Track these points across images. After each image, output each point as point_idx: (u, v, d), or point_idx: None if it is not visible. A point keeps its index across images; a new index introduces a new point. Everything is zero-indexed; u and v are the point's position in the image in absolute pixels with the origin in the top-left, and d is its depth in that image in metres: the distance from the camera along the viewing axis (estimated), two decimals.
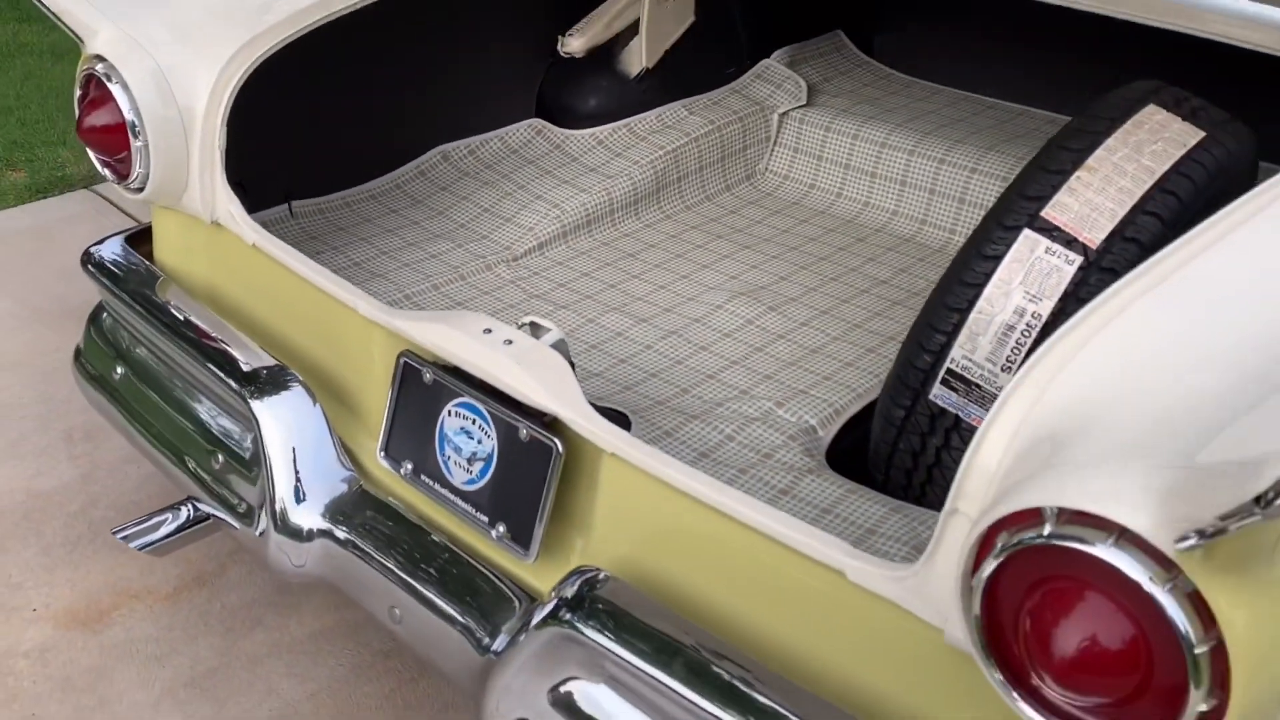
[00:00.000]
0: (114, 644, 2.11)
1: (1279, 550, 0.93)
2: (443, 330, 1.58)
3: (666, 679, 1.28)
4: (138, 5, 1.94)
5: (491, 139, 2.50)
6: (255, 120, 1.93)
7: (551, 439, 1.47)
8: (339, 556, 1.66)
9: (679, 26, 2.51)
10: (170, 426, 1.91)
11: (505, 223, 2.33)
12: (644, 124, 2.54)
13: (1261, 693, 0.93)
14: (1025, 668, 1.03)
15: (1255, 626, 0.91)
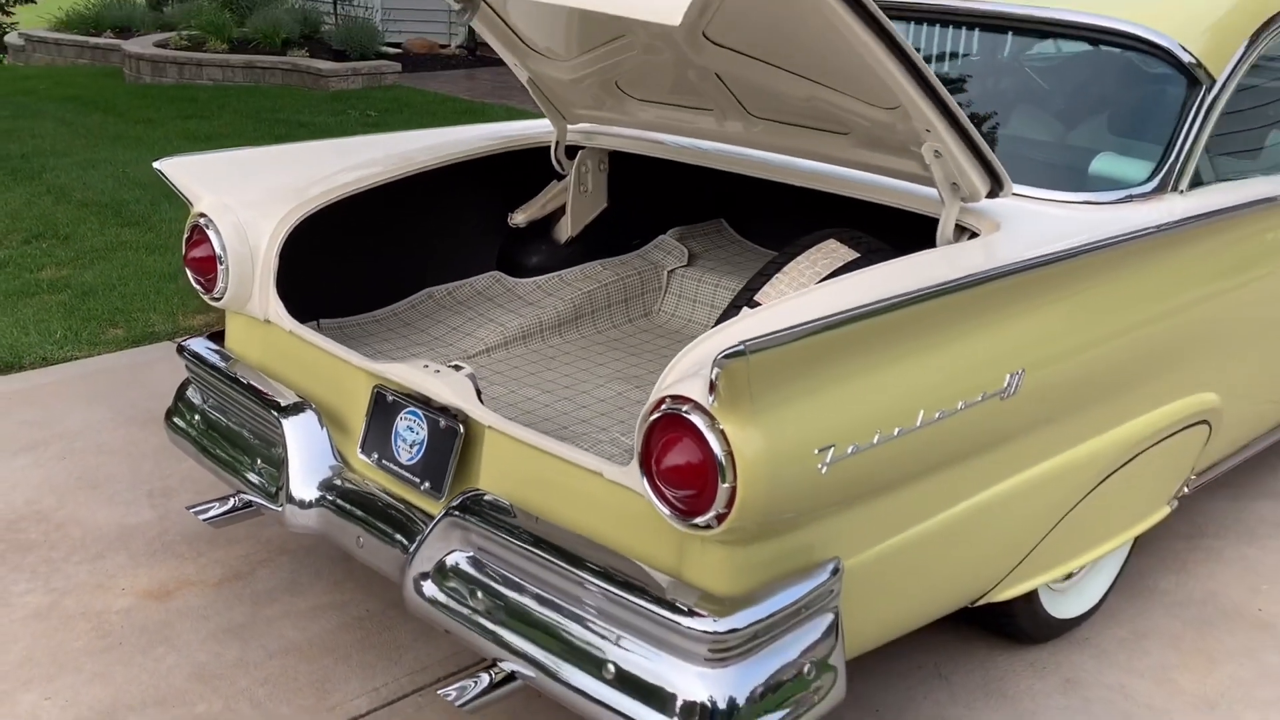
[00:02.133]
0: (175, 609, 3.05)
1: (755, 392, 1.87)
2: (400, 369, 2.60)
3: (511, 540, 2.23)
4: (227, 183, 3.05)
5: (464, 284, 3.56)
6: (297, 262, 2.99)
7: (457, 425, 2.46)
8: (326, 514, 2.63)
9: (595, 210, 3.60)
10: (226, 448, 2.92)
11: (466, 336, 3.37)
12: (570, 275, 3.60)
13: (760, 478, 1.88)
14: (658, 486, 1.97)
15: (746, 438, 1.86)
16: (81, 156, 8.88)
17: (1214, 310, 2.91)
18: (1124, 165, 2.87)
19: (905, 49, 2.17)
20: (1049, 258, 2.33)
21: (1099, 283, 2.55)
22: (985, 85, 3.33)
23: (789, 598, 2.02)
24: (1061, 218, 2.63)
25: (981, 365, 2.25)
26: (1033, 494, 2.52)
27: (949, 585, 2.49)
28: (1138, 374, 2.70)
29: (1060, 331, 2.45)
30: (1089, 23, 3.00)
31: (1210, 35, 2.96)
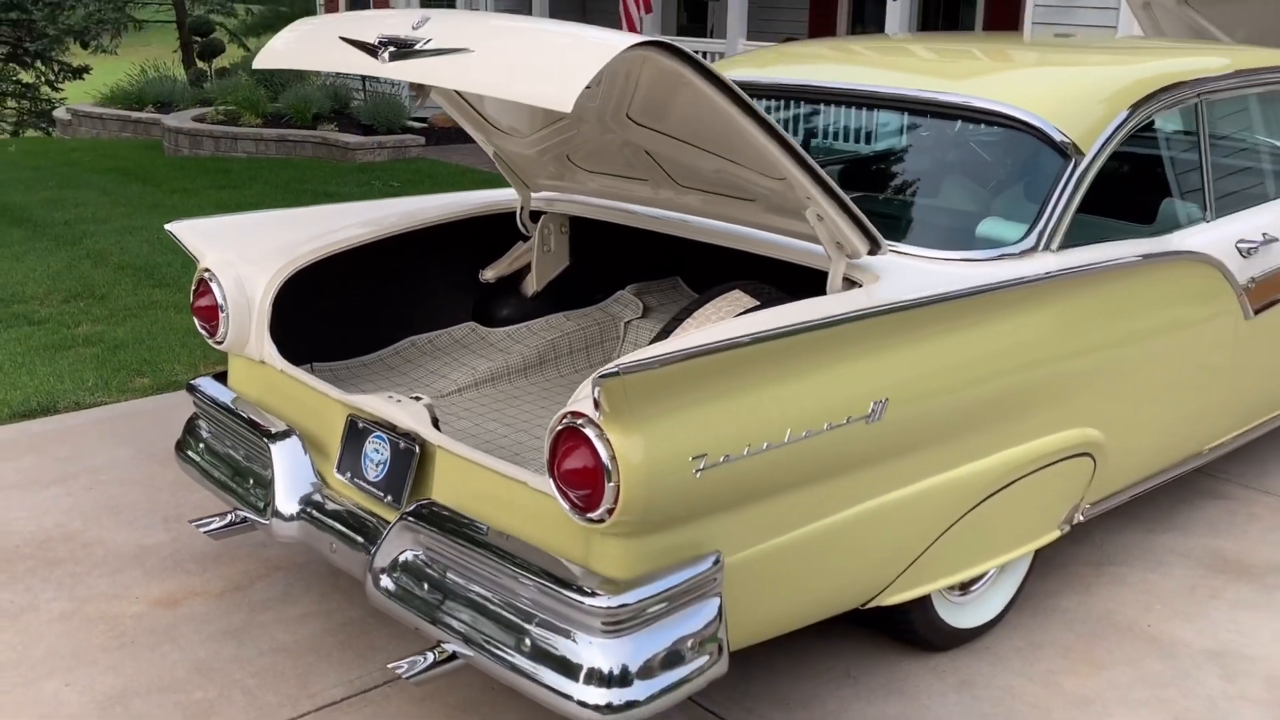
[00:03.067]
0: (181, 615, 3.47)
1: (634, 407, 2.28)
2: (369, 399, 3.04)
3: (451, 539, 2.64)
4: (228, 242, 3.52)
5: (443, 333, 4.00)
6: (292, 312, 3.44)
7: (414, 446, 2.89)
8: (305, 525, 3.06)
9: (558, 267, 4.04)
10: (224, 471, 3.35)
11: (441, 378, 3.81)
12: (536, 324, 4.03)
13: (639, 479, 2.29)
14: (561, 487, 2.39)
15: (628, 445, 2.28)
16: (120, 224, 9.47)
17: (1088, 355, 3.29)
18: (1003, 228, 3.28)
19: (778, 131, 2.62)
20: (904, 304, 2.75)
21: (967, 327, 2.95)
22: (885, 159, 3.76)
23: (672, 581, 2.42)
24: (939, 272, 3.04)
25: (846, 393, 2.65)
26: (910, 509, 2.90)
27: (833, 587, 2.87)
28: (1011, 409, 3.09)
29: (926, 368, 2.84)
30: (977, 105, 3.43)
31: (1081, 116, 3.38)
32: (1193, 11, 5.86)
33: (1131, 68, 3.90)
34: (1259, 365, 3.99)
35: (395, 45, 2.71)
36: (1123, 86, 3.57)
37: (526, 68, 2.48)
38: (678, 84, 2.59)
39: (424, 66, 2.64)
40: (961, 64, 4.01)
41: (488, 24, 2.76)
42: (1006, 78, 3.81)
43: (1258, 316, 3.86)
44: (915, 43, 4.77)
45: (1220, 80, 3.88)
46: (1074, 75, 3.83)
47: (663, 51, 2.43)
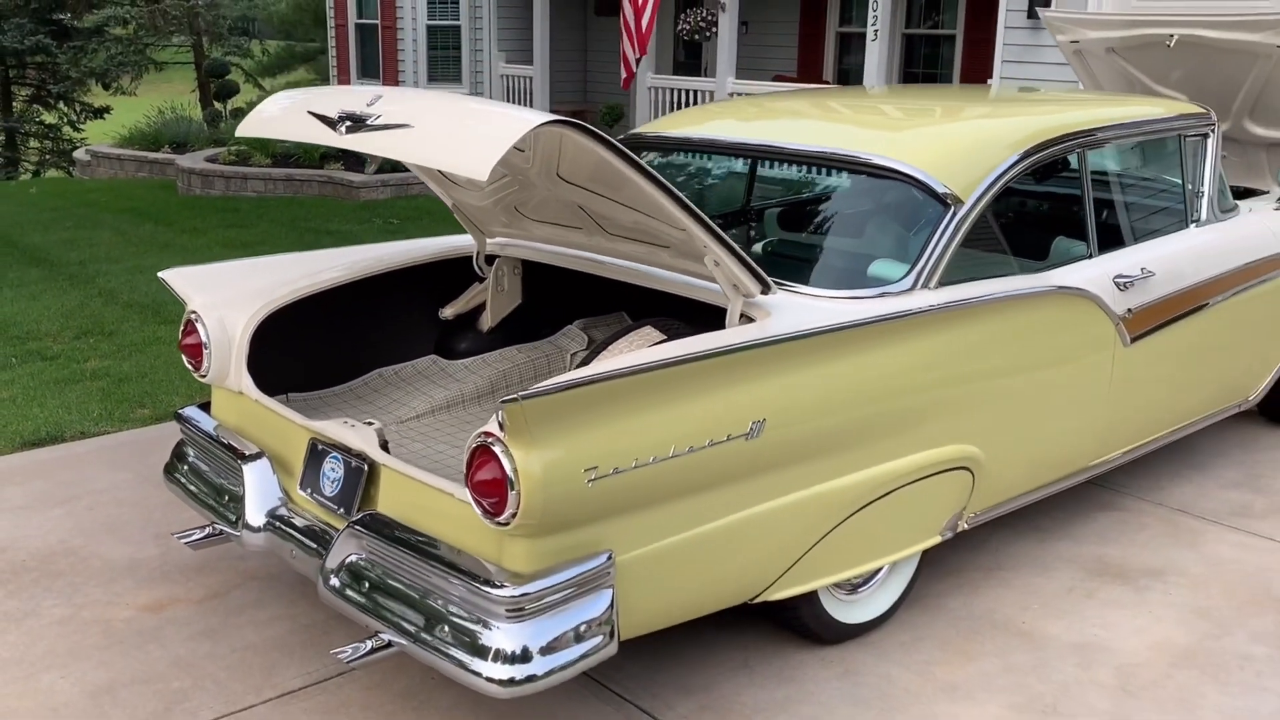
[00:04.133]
0: (166, 618, 3.93)
1: (533, 427, 2.73)
2: (327, 424, 3.50)
3: (387, 544, 3.10)
4: (213, 286, 3.99)
5: (408, 365, 4.46)
6: (270, 348, 3.91)
7: (363, 465, 3.35)
8: (271, 535, 3.51)
9: (511, 305, 4.51)
10: (204, 489, 3.82)
11: (402, 405, 4.27)
12: (490, 357, 4.49)
13: (537, 488, 2.73)
14: (475, 495, 2.84)
15: (527, 459, 2.73)
16: (131, 263, 10.00)
17: (964, 380, 3.73)
18: (889, 269, 3.73)
19: (673, 191, 3.08)
20: (779, 337, 3.19)
21: (843, 356, 3.39)
22: (788, 209, 4.22)
23: (568, 575, 2.87)
24: (826, 309, 3.49)
25: (726, 414, 3.10)
26: (789, 515, 3.33)
27: (720, 582, 3.30)
28: (887, 428, 3.52)
29: (803, 393, 3.28)
30: (869, 160, 3.89)
31: (963, 169, 3.83)
32: (1120, 60, 6.31)
33: (1021, 122, 4.35)
34: (1140, 388, 4.42)
35: (351, 120, 3.19)
36: (1006, 141, 4.01)
37: (453, 142, 2.95)
38: (585, 152, 3.06)
39: (371, 139, 3.11)
40: (864, 121, 4.47)
41: (429, 102, 3.22)
42: (900, 134, 4.26)
43: (1136, 344, 4.29)
44: (836, 98, 5.23)
45: (1102, 131, 4.33)
46: (963, 131, 4.28)
47: (568, 128, 2.90)
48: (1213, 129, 4.88)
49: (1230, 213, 5.01)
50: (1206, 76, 6.05)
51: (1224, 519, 4.70)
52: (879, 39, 11.31)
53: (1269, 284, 4.99)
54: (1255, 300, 4.94)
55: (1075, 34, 6.28)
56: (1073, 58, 6.50)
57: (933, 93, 5.63)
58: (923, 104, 4.89)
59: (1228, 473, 5.17)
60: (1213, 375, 4.87)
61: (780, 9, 14.49)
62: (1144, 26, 6.04)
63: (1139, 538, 4.52)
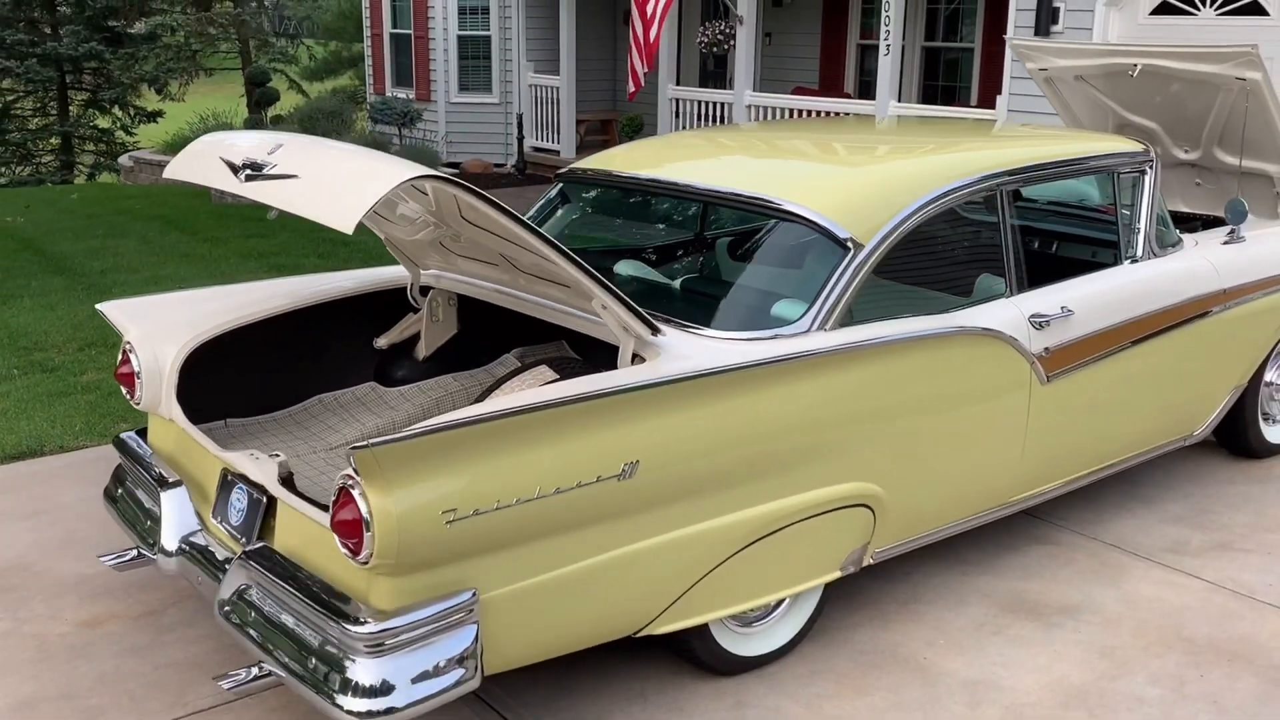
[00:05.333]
0: (100, 634, 4.11)
1: (386, 472, 2.86)
2: (234, 456, 3.66)
3: (269, 576, 3.24)
4: (148, 319, 4.17)
5: (348, 391, 4.61)
6: (206, 375, 4.07)
7: (262, 497, 3.50)
8: (183, 561, 3.68)
9: (447, 334, 4.64)
10: (132, 513, 3.99)
11: (334, 432, 4.42)
12: (426, 385, 4.63)
13: (391, 531, 2.86)
14: (337, 535, 2.97)
15: (381, 503, 2.86)
16: (150, 273, 10.29)
17: (863, 419, 3.80)
18: (787, 311, 3.81)
19: (555, 244, 3.21)
20: (645, 382, 3.29)
21: (727, 397, 3.48)
22: (692, 248, 4.31)
23: (429, 612, 2.99)
24: (717, 350, 3.58)
25: (597, 455, 3.20)
26: (670, 552, 3.43)
27: (596, 618, 3.40)
28: (776, 466, 3.60)
29: (681, 433, 3.37)
30: (772, 203, 3.97)
31: (865, 213, 3.91)
32: (1090, 88, 6.32)
33: (935, 163, 4.41)
34: (1063, 425, 4.45)
35: (250, 168, 3.35)
36: (914, 184, 4.08)
37: (328, 196, 3.09)
38: (465, 204, 3.18)
39: (263, 188, 3.27)
40: (779, 163, 4.55)
41: (320, 154, 3.36)
42: (808, 177, 4.33)
43: (1055, 381, 4.34)
44: (770, 136, 5.29)
45: (1022, 173, 4.37)
46: (872, 174, 4.34)
47: (440, 183, 3.03)
48: (1150, 165, 4.89)
49: (1173, 248, 5.02)
50: (1175, 106, 6.05)
51: (1156, 555, 4.72)
52: (890, 53, 11.33)
53: (1212, 319, 4.99)
54: (1197, 335, 4.95)
55: (1044, 62, 6.30)
56: (1044, 85, 6.51)
57: (865, 131, 5.68)
58: (847, 143, 4.95)
59: (1172, 506, 5.18)
60: (1149, 411, 4.89)
61: (802, 21, 14.54)
62: (1109, 56, 6.04)
63: (1062, 573, 4.56)
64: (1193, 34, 9.21)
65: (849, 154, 4.73)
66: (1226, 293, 5.02)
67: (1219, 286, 4.99)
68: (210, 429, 4.20)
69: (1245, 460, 5.65)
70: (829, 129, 5.65)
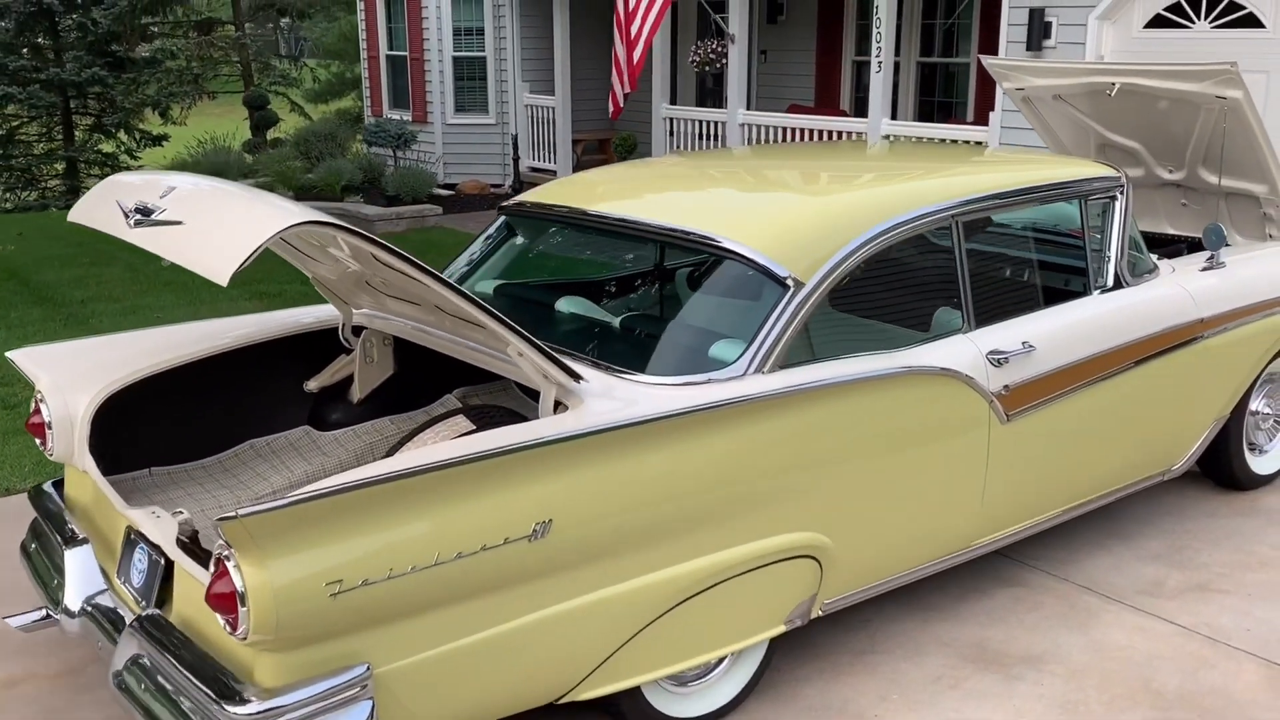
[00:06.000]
0: (15, 695, 3.93)
1: (261, 543, 2.67)
2: (137, 513, 3.47)
3: (155, 646, 3.05)
4: (59, 366, 3.99)
5: (279, 437, 4.43)
6: (123, 424, 3.90)
7: (160, 558, 3.31)
8: (86, 623, 3.49)
9: (382, 375, 4.45)
10: (44, 569, 3.81)
11: (263, 480, 4.23)
12: (361, 429, 4.44)
13: (267, 606, 2.66)
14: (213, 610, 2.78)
15: (256, 575, 2.66)
16: (130, 302, 10.15)
17: (806, 467, 3.59)
18: (723, 353, 3.60)
19: (468, 295, 3.03)
20: (558, 436, 3.09)
21: (656, 447, 3.27)
22: (625, 285, 4.12)
23: (317, 690, 2.80)
24: (650, 396, 3.38)
25: (504, 516, 3.00)
26: (593, 614, 3.22)
27: (513, 687, 3.19)
28: (709, 519, 3.40)
29: (600, 488, 3.17)
30: (709, 240, 3.77)
31: (806, 249, 3.70)
32: (1070, 107, 6.11)
33: (883, 194, 4.19)
34: (1026, 465, 4.23)
35: (140, 213, 3.17)
36: (859, 219, 3.87)
37: (208, 246, 2.91)
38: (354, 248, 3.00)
39: (149, 234, 3.10)
40: (719, 196, 4.34)
41: (205, 200, 3.18)
42: (748, 212, 4.12)
43: (1016, 420, 4.11)
44: (718, 163, 5.08)
45: (977, 203, 4.16)
46: (815, 208, 4.11)
47: (317, 226, 2.84)
48: (1121, 190, 4.67)
49: (1146, 275, 4.79)
50: (1157, 125, 5.84)
51: (1129, 598, 4.49)
52: (882, 70, 11.12)
53: (1189, 350, 4.76)
54: (1174, 367, 4.72)
55: (1020, 81, 6.09)
56: (1022, 105, 6.30)
57: (824, 158, 5.46)
58: (801, 173, 4.75)
59: (1151, 543, 4.94)
60: (1122, 447, 4.66)
61: (797, 38, 14.35)
62: (1086, 75, 5.83)
63: (1029, 618, 4.33)
64: (1188, 47, 8.98)
65: (797, 186, 4.52)
66: (1204, 322, 4.79)
67: (1195, 316, 4.76)
68: (133, 479, 4.04)
69: (1231, 492, 5.41)
70: (788, 156, 5.45)
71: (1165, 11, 9.16)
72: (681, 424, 3.33)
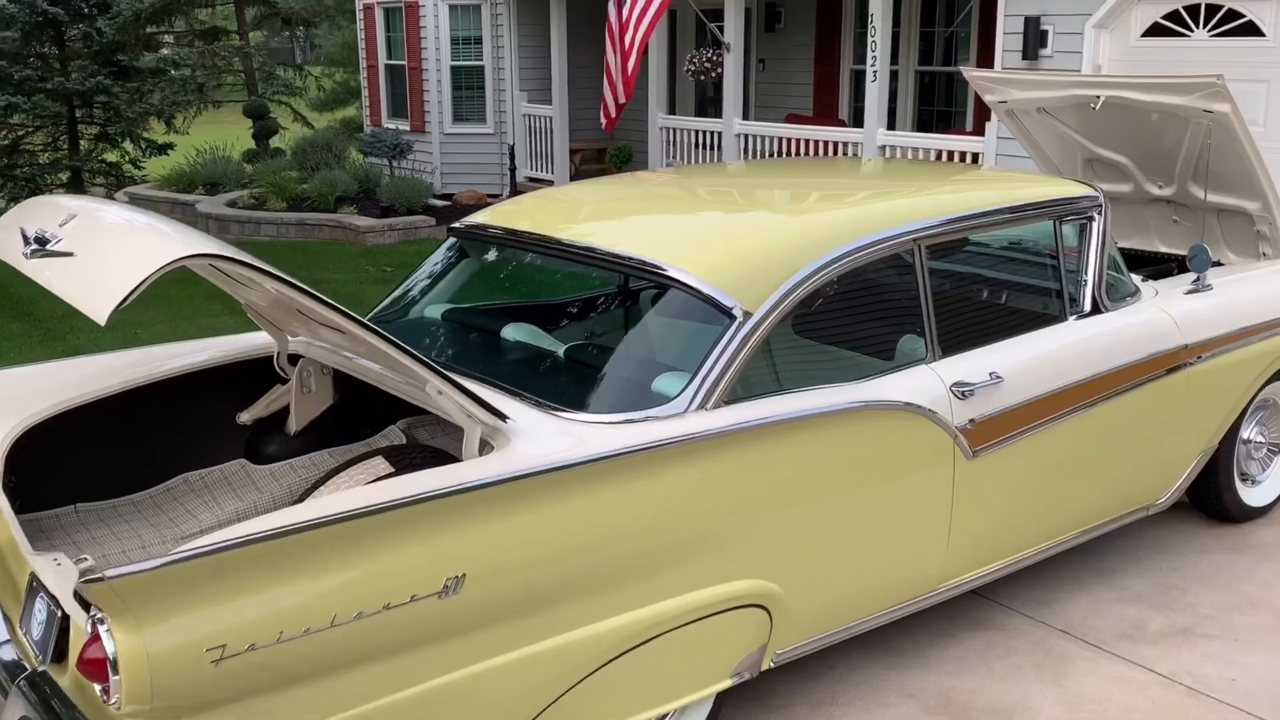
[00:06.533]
0: None
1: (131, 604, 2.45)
2: (38, 560, 3.27)
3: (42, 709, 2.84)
4: None
5: (214, 471, 4.22)
6: (43, 461, 3.70)
7: (58, 609, 3.10)
8: None
9: (320, 406, 4.24)
10: None
11: (192, 518, 4.03)
12: (299, 462, 4.22)
13: (140, 673, 2.45)
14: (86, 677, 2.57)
15: (130, 642, 2.45)
16: None
17: (753, 510, 3.37)
18: (666, 388, 3.38)
19: (382, 334, 2.82)
20: (474, 483, 2.87)
21: (586, 492, 3.05)
22: (566, 312, 3.90)
23: None
24: (582, 436, 3.17)
25: (409, 572, 2.79)
26: (515, 674, 3.00)
27: None
28: (645, 567, 3.17)
29: (521, 537, 2.96)
30: (653, 266, 3.56)
31: (754, 277, 3.49)
32: (1054, 121, 5.88)
33: (840, 218, 3.96)
34: (992, 504, 4.00)
35: (37, 242, 2.97)
36: (812, 243, 3.65)
37: (95, 279, 2.71)
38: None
39: (41, 266, 2.90)
40: (673, 219, 4.12)
41: (100, 230, 2.97)
42: (694, 237, 3.89)
43: (983, 456, 3.88)
44: (678, 183, 4.83)
45: (941, 226, 3.93)
46: (766, 232, 3.88)
47: (206, 259, 2.64)
48: (1099, 210, 4.44)
49: (1128, 299, 4.56)
50: (1144, 139, 5.61)
51: (1108, 643, 4.25)
52: (878, 79, 10.89)
53: (1172, 378, 4.52)
54: (1156, 397, 4.48)
55: (1001, 94, 5.86)
56: (1005, 118, 6.07)
57: (789, 176, 5.23)
58: (758, 195, 4.52)
59: (1134, 582, 4.70)
60: (1100, 483, 4.42)
61: (796, 46, 14.12)
62: (1069, 87, 5.60)
63: (1000, 667, 4.10)
64: (1187, 56, 8.74)
65: (756, 208, 4.30)
66: (1189, 348, 4.55)
67: (1179, 342, 4.52)
68: (57, 516, 3.85)
69: (1222, 525, 5.16)
70: (762, 174, 5.21)
71: (1164, 20, 8.92)
72: (617, 466, 3.12)
